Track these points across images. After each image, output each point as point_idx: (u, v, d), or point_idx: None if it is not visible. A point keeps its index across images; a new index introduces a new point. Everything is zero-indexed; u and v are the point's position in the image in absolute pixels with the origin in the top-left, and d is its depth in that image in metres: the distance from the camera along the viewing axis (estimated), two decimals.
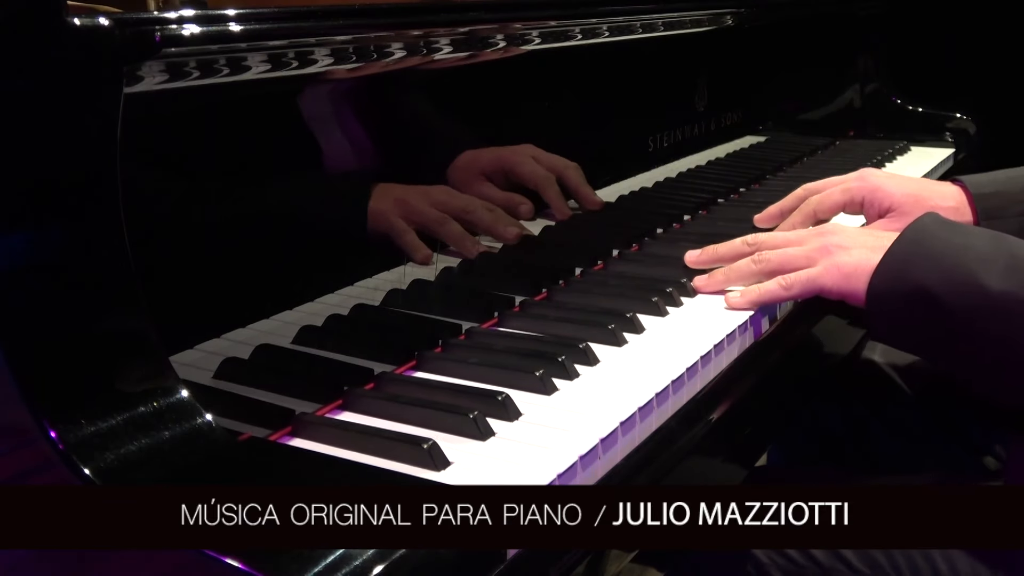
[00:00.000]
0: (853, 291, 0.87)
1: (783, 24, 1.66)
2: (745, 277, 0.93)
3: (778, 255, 0.92)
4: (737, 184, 1.43)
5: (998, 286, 0.78)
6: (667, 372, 0.76)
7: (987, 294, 0.78)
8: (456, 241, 0.96)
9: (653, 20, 1.16)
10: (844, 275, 0.87)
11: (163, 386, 0.59)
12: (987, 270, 0.79)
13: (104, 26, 0.57)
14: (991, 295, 0.78)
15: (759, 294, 0.90)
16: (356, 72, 0.80)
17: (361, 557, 0.50)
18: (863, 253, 0.87)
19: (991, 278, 0.78)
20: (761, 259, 0.93)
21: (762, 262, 0.92)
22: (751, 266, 0.93)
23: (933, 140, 1.89)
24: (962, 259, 0.81)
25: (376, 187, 0.89)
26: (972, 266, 0.80)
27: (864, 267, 0.86)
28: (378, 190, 0.89)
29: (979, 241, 0.83)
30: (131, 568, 0.55)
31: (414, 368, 0.79)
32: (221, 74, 0.66)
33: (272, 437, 0.67)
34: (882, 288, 0.84)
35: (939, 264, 0.81)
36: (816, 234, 0.94)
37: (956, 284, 0.80)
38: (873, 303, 0.84)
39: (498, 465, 0.62)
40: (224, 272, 0.75)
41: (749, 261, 0.93)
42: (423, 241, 0.92)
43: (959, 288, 0.80)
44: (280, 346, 0.78)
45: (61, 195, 0.57)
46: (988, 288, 0.78)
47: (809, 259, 0.90)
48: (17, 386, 0.53)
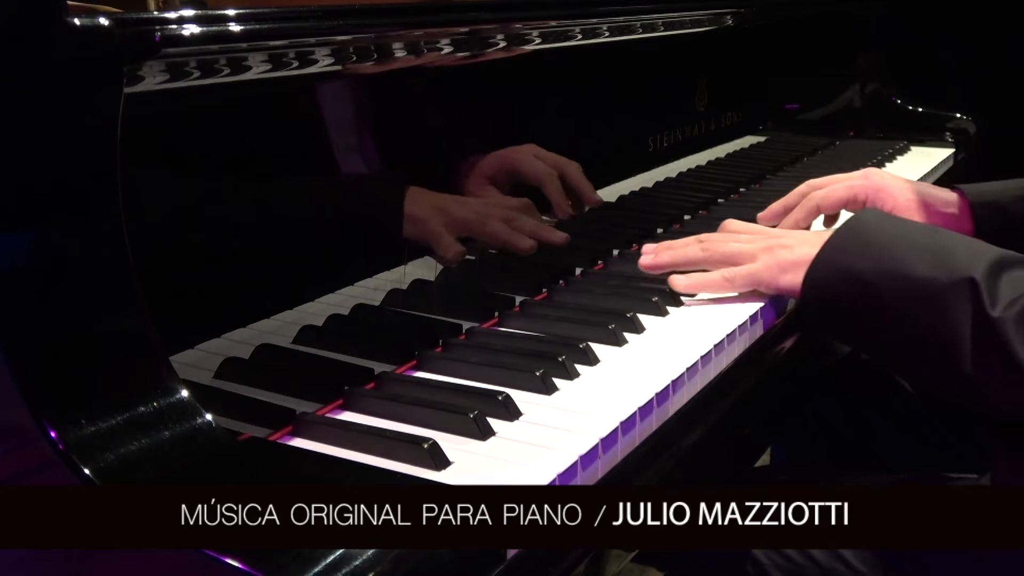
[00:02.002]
0: (789, 284, 0.90)
1: (783, 24, 1.66)
2: (691, 261, 0.96)
3: (725, 247, 0.95)
4: (737, 184, 1.43)
5: (924, 273, 0.80)
6: (667, 372, 0.76)
7: (913, 281, 0.81)
8: (505, 238, 0.98)
9: (653, 20, 1.16)
10: (782, 269, 0.90)
11: (163, 386, 0.59)
12: (916, 258, 0.81)
13: (104, 26, 0.57)
14: (916, 282, 0.80)
15: (702, 282, 0.93)
16: (356, 72, 0.80)
17: (361, 557, 0.50)
18: (804, 249, 0.90)
19: (919, 266, 0.81)
20: (708, 248, 0.95)
21: (709, 250, 0.95)
22: (697, 252, 0.95)
23: (933, 140, 1.89)
24: (893, 247, 0.83)
25: (413, 191, 0.91)
26: (901, 254, 0.82)
27: (802, 261, 0.89)
28: (417, 194, 0.91)
29: (912, 231, 0.86)
30: (131, 568, 0.55)
31: (414, 368, 0.79)
32: (221, 74, 0.66)
33: (272, 437, 0.67)
34: (817, 275, 0.87)
35: (871, 252, 0.84)
36: (764, 234, 0.97)
37: (885, 271, 0.82)
38: (807, 290, 0.87)
39: (498, 465, 0.62)
40: (224, 272, 0.75)
41: (697, 247, 0.96)
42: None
43: (888, 274, 0.82)
44: (280, 346, 0.78)
45: (61, 195, 0.57)
46: (914, 275, 0.81)
47: (752, 255, 0.93)
48: (17, 386, 0.53)
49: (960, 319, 0.78)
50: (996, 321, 0.76)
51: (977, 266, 0.79)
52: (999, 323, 0.76)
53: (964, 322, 0.77)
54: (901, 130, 1.93)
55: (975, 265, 0.79)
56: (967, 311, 0.77)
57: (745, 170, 1.51)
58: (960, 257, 0.80)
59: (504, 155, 1.02)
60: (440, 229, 0.93)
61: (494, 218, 0.98)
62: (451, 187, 0.95)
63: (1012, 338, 0.75)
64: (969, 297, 0.77)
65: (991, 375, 0.77)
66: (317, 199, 0.84)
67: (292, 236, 0.80)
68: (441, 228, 0.93)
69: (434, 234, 0.93)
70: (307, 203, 0.83)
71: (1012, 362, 0.75)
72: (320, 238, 0.83)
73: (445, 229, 0.93)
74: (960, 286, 0.78)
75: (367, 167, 0.89)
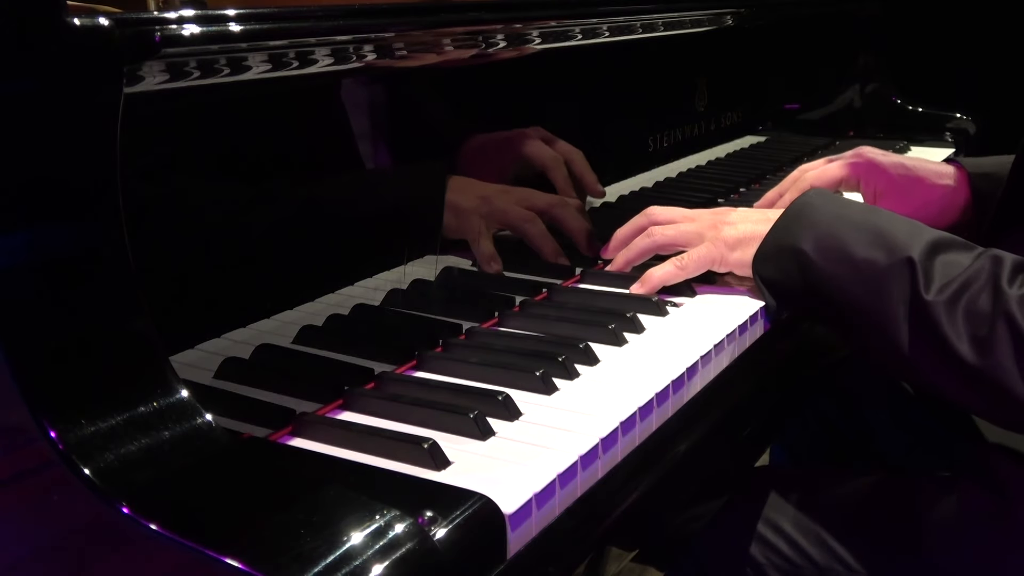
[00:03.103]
0: (738, 260, 0.92)
1: (783, 24, 1.66)
2: (643, 254, 0.98)
3: (670, 231, 0.96)
4: (737, 184, 1.43)
5: (863, 253, 0.83)
6: (667, 372, 0.76)
7: (853, 260, 0.83)
8: (539, 240, 0.99)
9: (653, 20, 1.16)
10: (729, 246, 0.93)
11: (163, 386, 0.59)
12: (856, 239, 0.84)
13: (104, 26, 0.57)
14: (856, 261, 0.83)
15: (659, 278, 0.94)
16: (356, 72, 0.80)
17: (361, 557, 0.50)
18: (748, 226, 0.93)
19: (858, 245, 0.84)
20: (652, 234, 0.97)
21: (654, 236, 0.96)
22: (645, 242, 0.97)
23: (933, 140, 1.90)
24: (835, 227, 0.86)
25: (456, 180, 0.92)
26: (842, 234, 0.85)
27: (748, 237, 0.91)
28: (461, 184, 0.92)
29: (853, 212, 0.89)
30: (131, 568, 0.55)
31: (414, 368, 0.79)
32: (221, 74, 0.66)
33: (273, 437, 0.67)
34: (764, 255, 0.90)
35: (815, 231, 0.87)
36: (709, 212, 0.98)
37: (827, 250, 0.85)
38: (757, 269, 0.90)
39: (498, 465, 0.62)
40: (224, 272, 0.75)
41: (643, 237, 0.97)
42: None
43: (829, 254, 0.85)
44: (281, 346, 0.78)
45: (61, 195, 0.57)
46: (853, 254, 0.83)
47: (699, 235, 0.95)
48: (17, 386, 0.53)
49: (897, 300, 0.80)
50: (929, 304, 0.78)
51: (915, 247, 0.81)
52: (931, 306, 0.78)
53: (901, 303, 0.80)
54: (901, 130, 1.93)
55: (913, 245, 0.81)
56: (904, 292, 0.80)
57: (745, 170, 1.51)
58: (900, 237, 0.83)
59: (510, 137, 1.02)
60: (480, 225, 0.95)
61: (537, 211, 1.00)
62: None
63: (943, 321, 0.77)
64: (907, 278, 0.80)
65: (924, 356, 0.80)
66: (316, 199, 0.84)
67: (292, 236, 0.80)
68: (482, 224, 0.95)
69: (474, 230, 0.94)
70: (306, 203, 0.83)
71: (942, 345, 0.77)
72: (320, 238, 0.83)
73: (485, 226, 0.95)
74: (899, 267, 0.81)
75: (366, 166, 0.89)
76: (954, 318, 0.77)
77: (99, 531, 0.54)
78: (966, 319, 0.77)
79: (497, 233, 0.98)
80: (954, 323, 0.77)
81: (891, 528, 0.91)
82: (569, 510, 0.63)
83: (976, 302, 0.77)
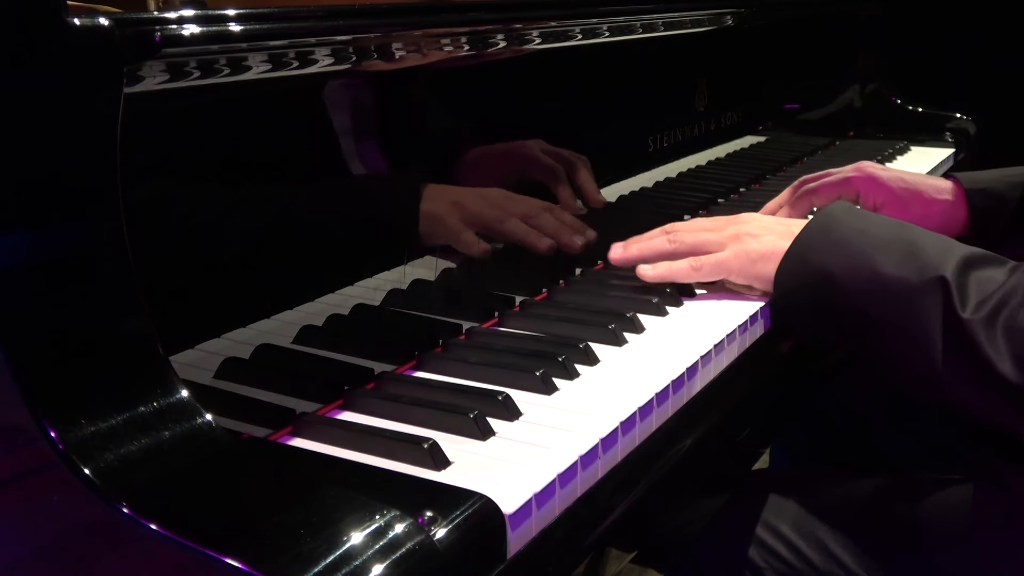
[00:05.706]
0: (759, 275, 0.90)
1: (783, 24, 1.66)
2: (658, 254, 0.96)
3: (692, 237, 0.95)
4: (737, 184, 1.43)
5: (893, 272, 0.81)
6: (667, 372, 0.76)
7: (882, 279, 0.81)
8: (522, 237, 0.98)
9: (653, 20, 1.16)
10: (751, 260, 0.91)
11: (163, 386, 0.59)
12: (884, 256, 0.82)
13: (104, 26, 0.57)
14: (885, 280, 0.81)
15: (669, 271, 0.93)
16: (356, 72, 0.80)
17: (361, 557, 0.50)
18: (771, 240, 0.90)
19: (887, 264, 0.81)
20: (675, 239, 0.95)
21: (676, 242, 0.95)
22: (665, 244, 0.96)
23: (933, 140, 1.90)
24: (862, 244, 0.84)
25: (430, 188, 0.91)
26: (870, 251, 0.83)
27: (770, 253, 0.89)
28: (433, 191, 0.91)
29: (880, 228, 0.86)
30: (131, 568, 0.55)
31: (414, 368, 0.79)
32: (221, 74, 0.66)
33: (273, 437, 0.67)
34: (788, 271, 0.87)
35: (841, 249, 0.84)
36: (730, 222, 0.96)
37: (854, 268, 0.82)
38: (779, 286, 0.88)
39: (498, 465, 0.62)
40: (224, 272, 0.75)
41: (664, 239, 0.96)
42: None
43: (857, 272, 0.82)
44: (281, 346, 0.78)
45: (61, 195, 0.57)
46: (883, 273, 0.81)
47: (720, 244, 0.93)
48: (17, 386, 0.53)
49: (931, 319, 0.78)
50: (966, 323, 0.76)
51: (947, 265, 0.79)
52: (969, 324, 0.75)
53: (935, 322, 0.77)
54: (901, 130, 1.93)
55: (945, 264, 0.79)
56: (938, 311, 0.77)
57: (745, 170, 1.51)
58: (929, 255, 0.81)
59: (510, 149, 1.02)
60: (458, 225, 0.93)
61: (513, 215, 0.98)
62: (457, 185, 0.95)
63: (982, 340, 0.75)
64: (940, 297, 0.77)
65: (959, 376, 0.77)
66: (316, 199, 0.84)
67: (292, 236, 0.80)
68: (459, 224, 0.93)
69: (452, 230, 0.93)
70: (306, 203, 0.83)
71: (981, 364, 0.75)
72: (320, 238, 0.83)
73: (463, 224, 0.93)
74: (930, 285, 0.78)
75: (367, 167, 0.89)
76: (993, 336, 0.74)
77: (99, 531, 0.54)
78: (1006, 336, 0.74)
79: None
80: (993, 341, 0.74)
81: (891, 529, 0.91)
82: (569, 510, 0.63)
83: (1016, 318, 0.74)
